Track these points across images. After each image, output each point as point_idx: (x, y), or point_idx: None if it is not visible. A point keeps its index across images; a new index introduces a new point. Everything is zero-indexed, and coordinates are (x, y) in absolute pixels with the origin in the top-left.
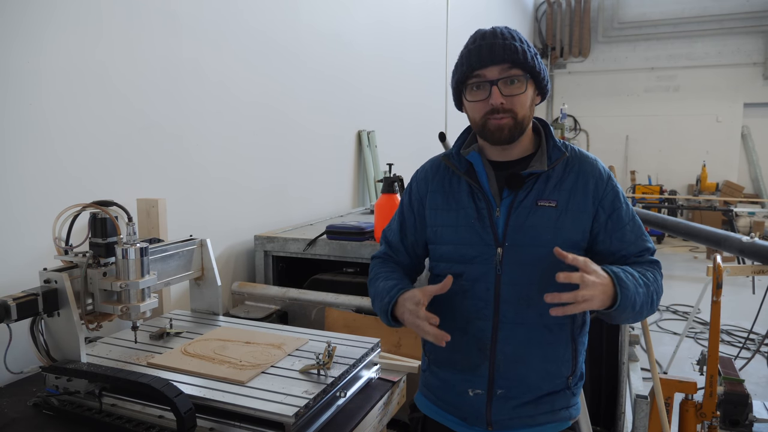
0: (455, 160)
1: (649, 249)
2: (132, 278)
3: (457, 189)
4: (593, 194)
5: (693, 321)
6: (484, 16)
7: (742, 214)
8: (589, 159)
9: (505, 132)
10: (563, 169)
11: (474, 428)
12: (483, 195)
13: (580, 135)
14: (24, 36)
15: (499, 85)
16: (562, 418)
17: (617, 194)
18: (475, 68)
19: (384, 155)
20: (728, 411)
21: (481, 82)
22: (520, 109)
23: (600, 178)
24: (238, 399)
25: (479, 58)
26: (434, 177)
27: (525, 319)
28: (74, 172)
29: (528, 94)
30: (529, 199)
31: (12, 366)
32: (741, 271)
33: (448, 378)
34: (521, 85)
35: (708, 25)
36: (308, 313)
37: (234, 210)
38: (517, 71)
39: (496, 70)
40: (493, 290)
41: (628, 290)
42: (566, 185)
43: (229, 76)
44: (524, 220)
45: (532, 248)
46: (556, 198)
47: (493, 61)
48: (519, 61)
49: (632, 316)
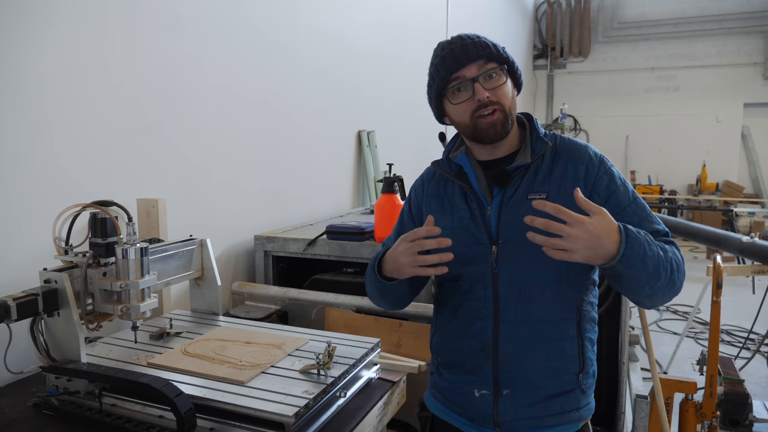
0: (445, 165)
1: (659, 231)
2: (132, 278)
3: (451, 192)
4: (584, 180)
5: (693, 321)
6: (484, 16)
7: (742, 214)
8: (577, 145)
9: (498, 127)
10: (552, 160)
11: (482, 429)
12: (474, 195)
13: (580, 135)
14: (24, 36)
15: (480, 81)
16: (571, 419)
17: (612, 176)
18: (453, 70)
19: (384, 155)
20: (728, 411)
21: (462, 82)
22: (506, 99)
23: (591, 162)
24: (238, 399)
25: (455, 60)
26: (429, 183)
27: (526, 317)
28: (74, 172)
29: (508, 85)
30: (518, 194)
31: (12, 366)
32: (741, 271)
33: (455, 380)
34: (500, 77)
35: (708, 25)
36: (308, 313)
37: (234, 210)
38: (492, 64)
39: (474, 67)
40: (491, 289)
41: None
42: (555, 175)
43: (229, 76)
44: (515, 216)
45: (526, 243)
46: (546, 190)
47: (468, 59)
48: (493, 55)
49: (647, 281)
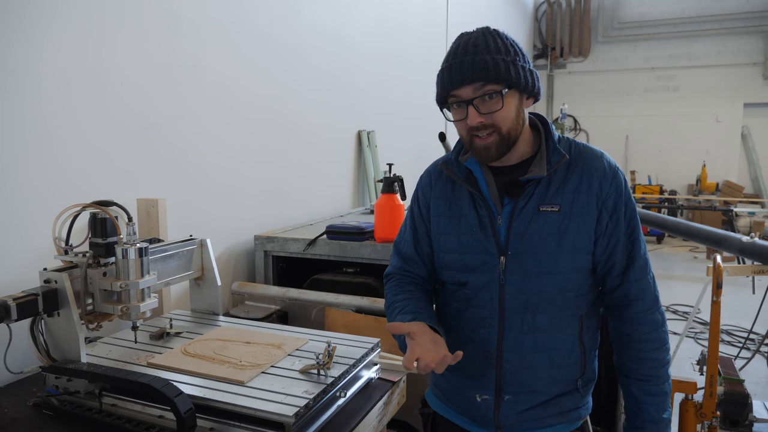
0: (454, 167)
1: (635, 259)
2: (132, 278)
3: (459, 196)
4: (597, 194)
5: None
6: (484, 15)
7: (742, 214)
8: (594, 155)
9: (492, 151)
10: (566, 170)
11: (483, 430)
12: (484, 202)
13: (580, 135)
14: (24, 36)
15: (475, 104)
16: (571, 418)
17: (621, 194)
18: (449, 90)
19: (384, 155)
20: (728, 411)
21: (458, 101)
22: (503, 123)
23: (604, 177)
24: (238, 399)
25: (450, 80)
26: (436, 183)
27: (531, 328)
28: (74, 172)
29: (510, 107)
30: (530, 206)
31: (12, 366)
32: (741, 271)
33: (457, 382)
34: (498, 101)
35: (708, 25)
36: (308, 313)
37: (234, 210)
38: (492, 87)
39: (470, 89)
40: (498, 299)
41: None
42: (569, 187)
43: (229, 76)
44: (526, 228)
45: (535, 256)
46: (558, 202)
47: (462, 81)
48: (491, 77)
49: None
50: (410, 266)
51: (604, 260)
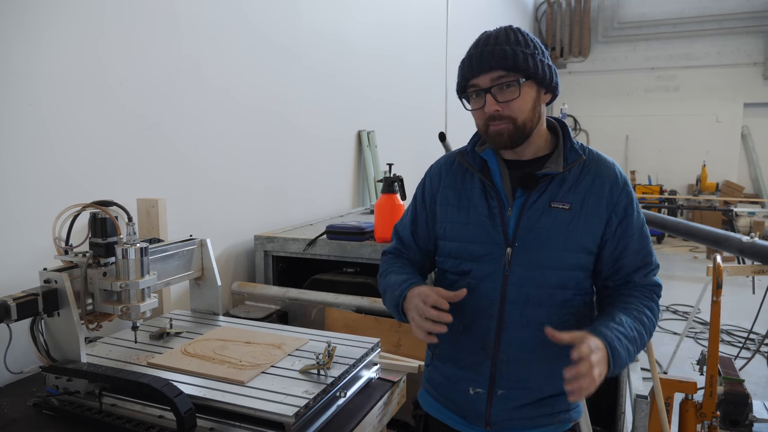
0: (470, 157)
1: (650, 267)
2: (132, 278)
3: (470, 186)
4: (608, 199)
5: (693, 321)
6: (484, 16)
7: (742, 214)
8: (606, 162)
9: (504, 137)
10: (579, 172)
11: (473, 427)
12: (496, 193)
13: (580, 135)
14: (24, 36)
15: (493, 92)
16: (561, 420)
17: (631, 201)
18: (468, 78)
19: (384, 155)
20: (728, 411)
21: (477, 90)
22: (519, 113)
23: (616, 182)
24: (238, 399)
25: (470, 68)
26: (448, 173)
27: (530, 321)
28: (74, 172)
29: (526, 98)
30: (542, 201)
31: (12, 366)
32: (741, 271)
33: (451, 374)
34: (515, 90)
35: (708, 25)
36: (308, 313)
37: (234, 210)
38: (510, 76)
39: (488, 78)
40: (500, 290)
41: (620, 358)
42: (581, 188)
43: (229, 77)
44: (536, 222)
45: (542, 250)
46: (570, 200)
47: (481, 69)
48: (509, 65)
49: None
50: (406, 250)
51: (611, 263)
